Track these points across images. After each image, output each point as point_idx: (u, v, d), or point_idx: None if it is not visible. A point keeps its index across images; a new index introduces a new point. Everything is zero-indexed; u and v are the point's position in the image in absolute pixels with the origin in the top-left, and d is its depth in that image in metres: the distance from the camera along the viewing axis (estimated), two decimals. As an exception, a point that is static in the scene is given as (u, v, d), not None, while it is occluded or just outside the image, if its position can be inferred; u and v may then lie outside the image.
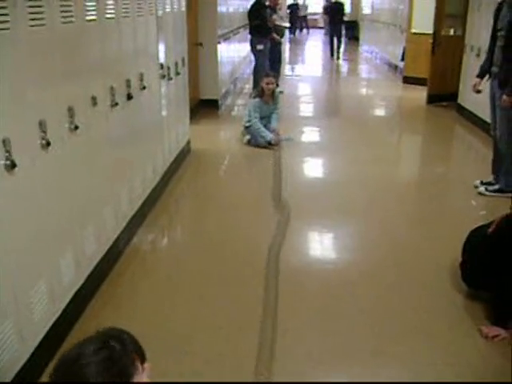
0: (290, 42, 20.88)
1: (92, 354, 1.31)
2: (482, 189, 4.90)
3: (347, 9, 22.08)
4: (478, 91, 5.10)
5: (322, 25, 28.72)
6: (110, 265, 3.46)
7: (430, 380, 2.58)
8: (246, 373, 2.57)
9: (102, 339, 1.37)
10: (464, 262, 3.24)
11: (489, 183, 4.92)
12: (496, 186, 4.84)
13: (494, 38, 4.77)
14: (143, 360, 1.42)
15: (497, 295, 2.93)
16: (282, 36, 10.63)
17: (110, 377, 1.30)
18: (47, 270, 2.59)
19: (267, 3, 9.60)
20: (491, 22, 4.90)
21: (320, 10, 29.85)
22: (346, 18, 18.77)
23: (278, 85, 9.97)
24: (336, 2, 16.59)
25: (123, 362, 1.34)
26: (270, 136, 6.29)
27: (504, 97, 4.51)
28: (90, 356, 1.31)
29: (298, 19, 24.29)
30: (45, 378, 2.47)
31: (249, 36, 9.56)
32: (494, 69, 4.75)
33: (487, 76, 4.91)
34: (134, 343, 1.42)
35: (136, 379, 1.36)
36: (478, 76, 5.05)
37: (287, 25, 12.22)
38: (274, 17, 9.61)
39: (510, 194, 4.59)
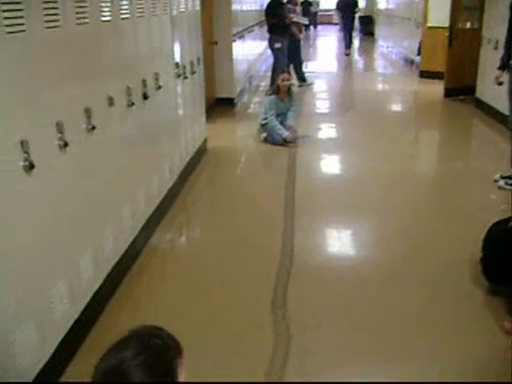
0: (304, 38, 20.75)
1: (135, 356, 1.26)
2: (501, 183, 4.85)
3: (362, 4, 22.01)
4: (500, 83, 5.05)
5: (336, 21, 28.68)
6: (129, 265, 3.48)
7: (434, 380, 2.56)
8: (260, 373, 2.57)
9: (141, 339, 1.32)
10: (484, 257, 3.21)
11: (509, 177, 4.86)
12: None
13: (510, 30, 4.72)
14: (180, 353, 1.38)
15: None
16: (300, 33, 10.40)
17: (160, 375, 1.27)
18: (66, 271, 2.61)
19: (285, 0, 9.38)
20: (508, 14, 4.85)
21: (333, 6, 29.82)
22: (361, 14, 18.94)
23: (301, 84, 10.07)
24: None
25: (169, 357, 1.31)
26: (286, 133, 6.28)
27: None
28: (133, 359, 1.25)
29: (311, 16, 24.18)
30: (64, 378, 2.49)
31: (267, 34, 9.49)
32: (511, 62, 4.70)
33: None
34: (171, 337, 1.39)
35: (180, 373, 1.33)
36: (499, 68, 5.00)
37: (306, 22, 11.92)
38: (292, 14, 9.35)
39: None
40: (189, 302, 3.18)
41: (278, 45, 9.04)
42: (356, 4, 16.14)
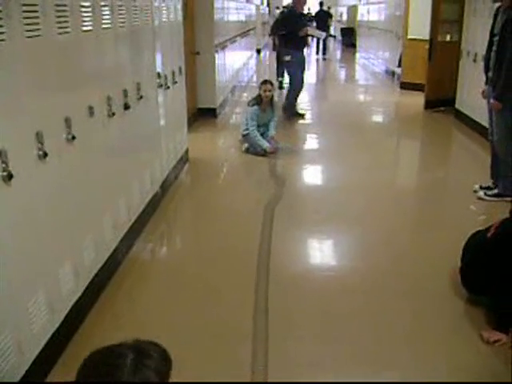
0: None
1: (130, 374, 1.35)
2: (481, 193, 4.90)
3: (344, 16, 22.33)
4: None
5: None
6: (109, 275, 3.45)
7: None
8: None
9: (135, 360, 1.38)
10: (463, 267, 3.24)
11: (488, 188, 4.92)
12: (495, 191, 4.85)
13: (490, 43, 4.78)
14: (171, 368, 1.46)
15: (497, 300, 2.92)
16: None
17: None
18: (46, 281, 2.58)
19: (301, 10, 8.70)
20: (487, 27, 4.92)
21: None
22: (343, 25, 20.29)
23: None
24: (324, 10, 19.53)
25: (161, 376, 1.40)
26: (266, 144, 6.29)
27: (491, 100, 4.58)
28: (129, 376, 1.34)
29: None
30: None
31: (278, 47, 9.21)
32: (490, 74, 4.76)
33: None
34: (164, 354, 1.46)
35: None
36: (486, 83, 5.06)
37: (322, 36, 11.30)
38: (307, 28, 8.59)
39: (508, 198, 4.60)
40: (169, 312, 3.17)
41: (287, 57, 8.46)
42: (330, 15, 19.56)
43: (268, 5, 26.52)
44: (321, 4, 19.79)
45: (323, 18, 18.32)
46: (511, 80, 4.47)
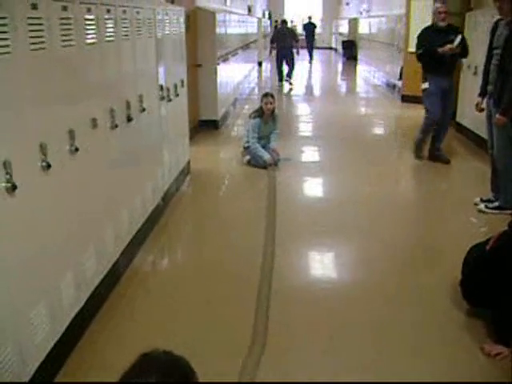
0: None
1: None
2: (481, 206, 4.91)
3: (345, 29, 22.56)
4: (481, 110, 5.13)
5: (320, 44, 29.11)
6: (111, 286, 3.45)
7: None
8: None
9: (162, 368, 1.36)
10: (464, 280, 3.24)
11: (488, 200, 4.93)
12: (496, 203, 4.85)
13: (489, 56, 4.80)
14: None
15: (498, 313, 2.92)
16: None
17: None
18: (48, 292, 2.59)
19: (442, 23, 6.55)
20: (487, 40, 4.94)
21: (318, 30, 30.34)
22: (344, 38, 22.14)
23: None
24: (311, 23, 22.19)
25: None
26: (266, 156, 6.31)
27: (497, 115, 4.56)
28: None
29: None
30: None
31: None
32: (490, 87, 4.78)
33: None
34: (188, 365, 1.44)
35: None
36: (479, 95, 5.08)
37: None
38: (450, 45, 6.33)
39: (509, 211, 4.60)
40: (170, 324, 3.17)
41: (424, 85, 6.76)
42: (315, 26, 22.24)
43: (270, 18, 26.70)
44: (309, 18, 23.08)
45: (310, 30, 21.56)
46: None
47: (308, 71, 19.28)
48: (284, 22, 15.19)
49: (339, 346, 2.96)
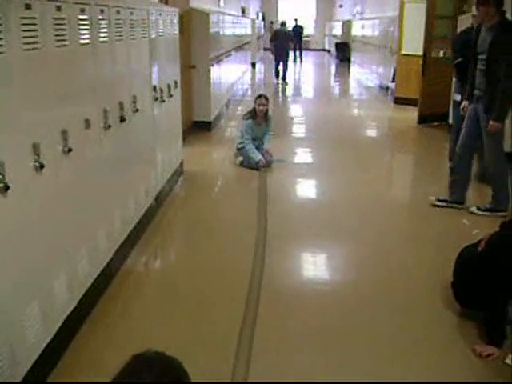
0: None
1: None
2: (473, 208, 4.94)
3: (338, 31, 22.66)
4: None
5: (314, 46, 29.19)
6: (103, 287, 3.45)
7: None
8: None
9: (157, 369, 1.36)
10: (455, 281, 3.26)
11: (446, 200, 5.09)
12: (487, 205, 4.88)
13: (474, 61, 4.82)
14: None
15: (489, 314, 2.93)
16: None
17: None
18: (40, 293, 2.58)
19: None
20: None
21: (311, 31, 30.43)
22: (337, 40, 22.18)
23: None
24: (298, 25, 22.96)
25: None
26: (259, 157, 6.32)
27: (491, 122, 4.58)
28: None
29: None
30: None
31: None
32: (477, 92, 4.80)
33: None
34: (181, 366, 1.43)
35: None
36: (466, 99, 5.11)
37: None
38: None
39: (500, 213, 4.64)
40: (162, 325, 3.16)
41: (457, 97, 6.10)
42: (302, 29, 23.26)
43: (263, 19, 26.75)
44: (295, 20, 23.53)
45: (298, 32, 21.90)
46: (509, 99, 4.54)
47: (298, 72, 19.30)
48: (283, 23, 16.19)
49: (330, 348, 2.96)
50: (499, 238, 3.04)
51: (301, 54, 22.61)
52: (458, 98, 5.89)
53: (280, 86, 14.92)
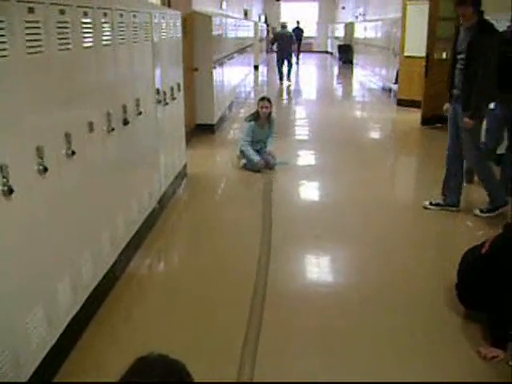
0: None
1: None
2: (477, 211, 4.93)
3: (341, 33, 22.69)
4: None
5: (316, 48, 29.21)
6: (107, 290, 3.45)
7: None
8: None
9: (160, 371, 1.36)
10: (460, 283, 3.25)
11: (438, 204, 5.09)
12: (488, 206, 4.88)
13: (454, 61, 4.86)
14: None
15: (493, 316, 2.92)
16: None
17: None
18: (44, 296, 2.58)
19: None
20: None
21: (314, 34, 30.44)
22: (340, 42, 22.99)
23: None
24: (299, 28, 23.37)
25: None
26: (257, 158, 6.33)
27: (465, 119, 4.65)
28: None
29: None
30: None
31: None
32: (456, 91, 4.85)
33: None
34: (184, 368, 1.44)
35: None
36: (449, 100, 5.16)
37: None
38: None
39: (501, 209, 4.66)
40: (165, 328, 3.16)
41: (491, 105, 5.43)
42: (302, 31, 23.77)
43: (266, 22, 26.78)
44: (297, 22, 23.98)
45: (298, 34, 21.86)
46: (484, 98, 4.61)
47: (298, 75, 19.31)
48: (283, 26, 16.41)
49: (334, 349, 2.96)
50: (503, 239, 3.04)
51: (298, 56, 22.60)
52: (493, 105, 5.49)
53: (283, 86, 15.17)
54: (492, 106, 5.50)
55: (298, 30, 23.12)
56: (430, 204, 5.13)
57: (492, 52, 4.51)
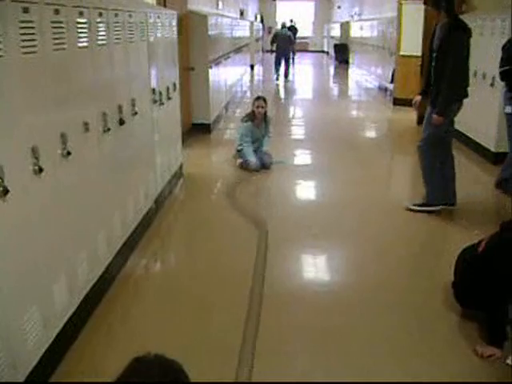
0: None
1: None
2: (408, 204, 5.05)
3: (337, 32, 22.69)
4: (418, 107, 5.38)
5: (312, 48, 29.21)
6: (103, 290, 3.45)
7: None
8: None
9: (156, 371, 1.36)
10: (456, 282, 3.25)
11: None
12: (422, 201, 5.00)
13: (429, 59, 4.91)
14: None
15: (490, 314, 2.93)
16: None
17: None
18: (40, 297, 2.57)
19: None
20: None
21: (310, 33, 30.45)
22: (336, 42, 22.02)
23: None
24: (293, 26, 22.75)
25: None
26: (253, 161, 6.37)
27: (433, 115, 4.69)
28: None
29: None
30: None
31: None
32: (431, 88, 4.89)
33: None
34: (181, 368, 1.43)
35: None
36: (419, 94, 5.23)
37: None
38: None
39: (432, 208, 4.87)
40: (162, 328, 3.16)
41: (508, 108, 5.39)
42: (296, 30, 22.89)
43: (262, 21, 26.77)
44: (291, 20, 23.70)
45: (294, 32, 21.16)
46: (451, 96, 4.63)
47: (294, 74, 19.33)
48: (283, 26, 17.19)
49: (332, 349, 2.96)
50: (499, 238, 3.04)
51: (293, 56, 22.77)
52: (509, 109, 5.37)
53: (280, 85, 15.45)
54: (509, 110, 5.40)
55: (292, 29, 22.71)
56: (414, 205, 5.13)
57: (461, 50, 4.58)
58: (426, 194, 5.01)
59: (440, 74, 4.63)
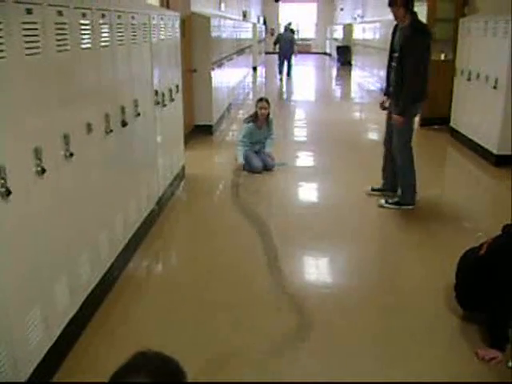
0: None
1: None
2: (382, 201, 5.14)
3: (339, 34, 22.66)
4: (385, 108, 5.41)
5: (315, 50, 29.22)
6: (105, 291, 3.45)
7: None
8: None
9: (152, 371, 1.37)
10: (458, 284, 3.25)
11: (379, 190, 5.33)
12: (396, 199, 5.11)
13: (390, 59, 4.95)
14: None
15: (492, 317, 2.93)
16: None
17: None
18: (42, 297, 2.58)
19: None
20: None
21: (312, 35, 30.47)
22: (339, 44, 21.74)
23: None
24: (291, 29, 21.39)
25: None
26: (256, 163, 6.39)
27: (394, 116, 4.81)
28: None
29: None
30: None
31: None
32: (391, 89, 5.01)
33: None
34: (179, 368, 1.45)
35: None
36: (384, 94, 5.35)
37: None
38: None
39: (405, 207, 5.01)
40: (164, 329, 3.16)
41: None
42: (293, 32, 21.42)
43: (265, 23, 26.79)
44: (289, 24, 23.18)
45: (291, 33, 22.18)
46: (412, 96, 4.72)
47: (295, 75, 19.33)
48: (286, 28, 17.69)
49: (334, 352, 2.96)
50: (501, 241, 3.03)
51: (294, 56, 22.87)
52: None
53: (282, 84, 15.99)
54: None
55: (291, 31, 23.00)
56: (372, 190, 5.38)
57: (423, 52, 4.68)
58: (401, 195, 5.11)
59: (401, 74, 4.73)
